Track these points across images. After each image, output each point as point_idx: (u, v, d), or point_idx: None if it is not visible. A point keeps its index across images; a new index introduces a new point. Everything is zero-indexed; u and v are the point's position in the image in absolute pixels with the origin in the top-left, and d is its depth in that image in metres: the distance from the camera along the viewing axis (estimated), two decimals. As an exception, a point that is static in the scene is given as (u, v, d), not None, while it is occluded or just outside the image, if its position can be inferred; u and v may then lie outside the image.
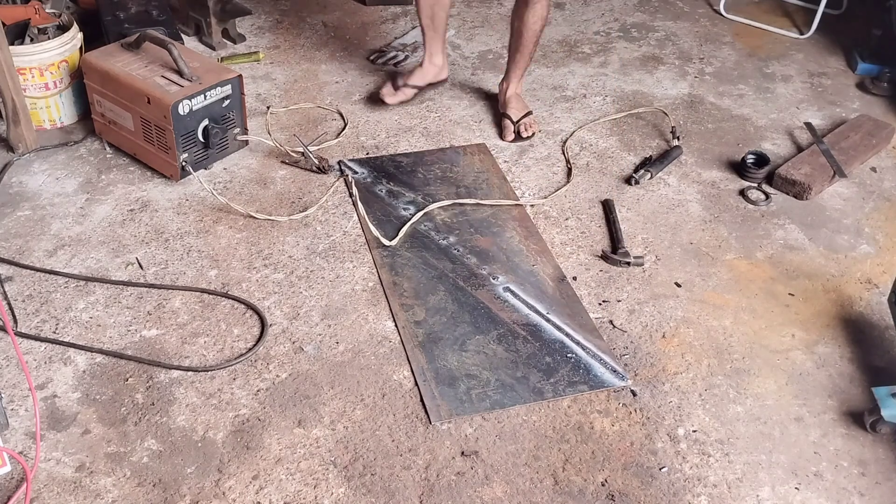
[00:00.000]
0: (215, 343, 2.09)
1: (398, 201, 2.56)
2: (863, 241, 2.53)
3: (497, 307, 2.22)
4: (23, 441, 1.83)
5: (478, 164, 2.75)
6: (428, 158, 2.77)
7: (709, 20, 3.77)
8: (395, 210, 2.53)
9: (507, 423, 1.92)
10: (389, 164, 2.73)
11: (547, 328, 2.16)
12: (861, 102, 3.21)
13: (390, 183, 2.64)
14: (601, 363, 2.07)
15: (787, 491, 1.82)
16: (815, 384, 2.07)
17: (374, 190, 2.61)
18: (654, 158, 2.77)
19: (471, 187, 2.65)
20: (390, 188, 2.61)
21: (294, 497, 1.76)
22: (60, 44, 2.73)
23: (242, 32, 3.41)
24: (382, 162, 2.74)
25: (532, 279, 2.31)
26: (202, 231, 2.43)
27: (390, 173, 2.68)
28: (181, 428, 1.88)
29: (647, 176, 2.69)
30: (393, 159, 2.75)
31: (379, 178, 2.66)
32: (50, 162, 2.67)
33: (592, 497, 1.79)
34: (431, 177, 2.68)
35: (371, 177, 2.66)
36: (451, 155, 2.80)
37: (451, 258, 2.37)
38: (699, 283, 2.35)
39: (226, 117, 2.62)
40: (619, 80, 3.27)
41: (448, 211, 2.54)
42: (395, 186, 2.62)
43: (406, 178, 2.67)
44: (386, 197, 2.58)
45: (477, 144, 2.85)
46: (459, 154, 2.80)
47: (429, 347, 2.09)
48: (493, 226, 2.50)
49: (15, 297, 2.18)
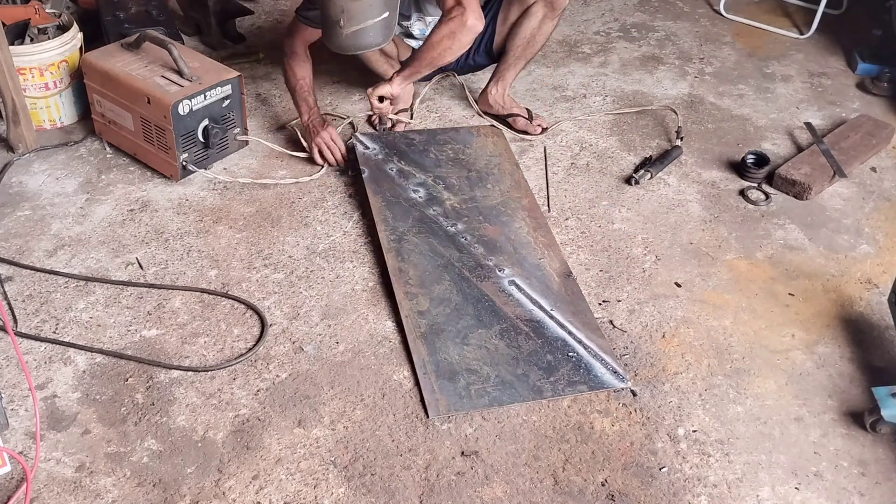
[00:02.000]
0: (215, 343, 2.09)
1: (408, 182, 2.55)
2: (863, 241, 2.53)
3: (501, 301, 2.21)
4: (23, 441, 1.83)
5: (491, 147, 2.74)
6: (441, 137, 2.76)
7: (709, 20, 3.77)
8: (405, 192, 2.51)
9: (507, 423, 1.92)
10: (402, 141, 2.72)
11: (550, 325, 2.16)
12: (861, 102, 3.21)
13: (401, 161, 2.62)
14: (602, 363, 2.06)
15: (787, 491, 1.82)
16: (815, 384, 2.07)
17: (384, 168, 2.59)
18: (655, 158, 2.77)
19: (482, 171, 2.63)
20: (401, 167, 2.60)
21: (294, 497, 1.76)
22: (60, 44, 2.74)
23: (242, 32, 3.41)
24: (395, 138, 2.74)
25: (538, 273, 2.30)
26: (202, 231, 2.43)
27: (402, 151, 2.67)
28: (181, 428, 1.88)
29: (647, 176, 2.69)
30: (406, 136, 2.75)
31: (390, 155, 2.65)
32: (50, 162, 2.67)
33: (592, 497, 1.79)
34: (443, 158, 2.66)
35: (382, 153, 2.65)
36: (464, 135, 2.78)
37: (459, 246, 2.35)
38: (699, 283, 2.35)
39: (226, 117, 2.62)
40: (619, 80, 3.27)
41: (458, 196, 2.52)
42: (405, 165, 2.61)
43: (418, 157, 2.66)
44: (396, 177, 2.56)
45: (491, 126, 2.83)
46: (473, 135, 2.78)
47: (431, 339, 2.09)
48: (502, 214, 2.48)
49: (15, 297, 2.18)
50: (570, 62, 3.38)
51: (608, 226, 2.53)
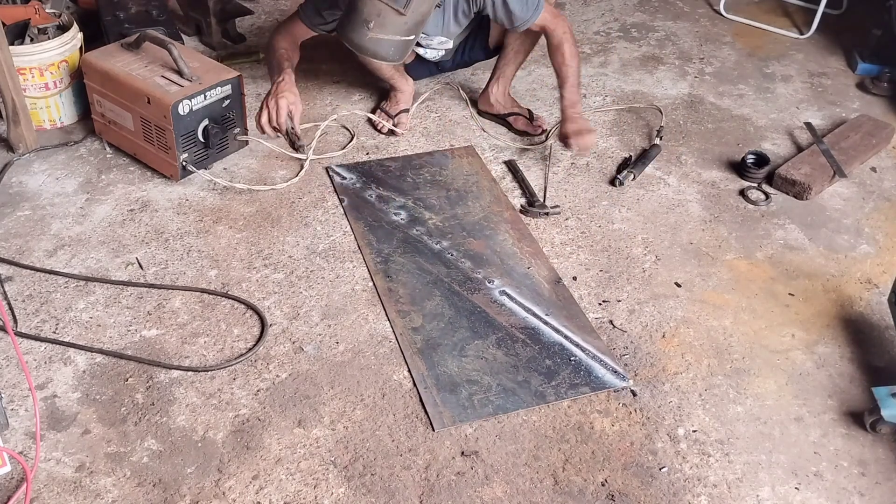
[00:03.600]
0: (215, 343, 2.09)
1: (388, 206, 2.55)
2: (863, 241, 2.53)
3: (494, 311, 2.21)
4: (23, 441, 1.83)
5: (466, 167, 2.75)
6: (416, 162, 2.76)
7: (709, 20, 3.77)
8: (386, 215, 2.52)
9: (507, 424, 1.92)
10: (378, 168, 2.71)
11: (545, 331, 2.16)
12: (861, 102, 3.21)
13: (380, 188, 2.62)
14: (601, 364, 2.07)
15: (787, 491, 1.82)
16: (815, 384, 2.07)
17: (363, 195, 2.59)
18: (635, 159, 2.77)
19: (461, 190, 2.64)
20: (380, 193, 2.60)
21: (294, 497, 1.76)
22: (60, 44, 2.73)
23: (242, 32, 3.41)
24: (370, 167, 2.72)
25: (528, 282, 2.31)
26: (202, 231, 2.43)
27: (379, 178, 2.67)
28: (181, 428, 1.88)
29: (631, 177, 2.68)
30: (381, 164, 2.74)
31: (368, 183, 2.64)
32: (50, 162, 2.67)
33: (592, 497, 1.79)
34: (421, 180, 2.67)
35: (360, 182, 2.65)
36: (439, 158, 2.79)
37: (446, 262, 2.36)
38: (699, 283, 2.35)
39: (226, 117, 2.62)
40: (619, 80, 3.27)
41: (440, 215, 2.53)
42: (384, 191, 2.61)
43: (395, 182, 2.66)
44: (376, 202, 2.56)
45: (465, 147, 2.84)
46: (448, 157, 2.79)
47: (428, 354, 2.09)
48: (485, 228, 2.49)
49: (15, 297, 2.18)
50: (570, 62, 3.38)
51: (608, 226, 2.54)
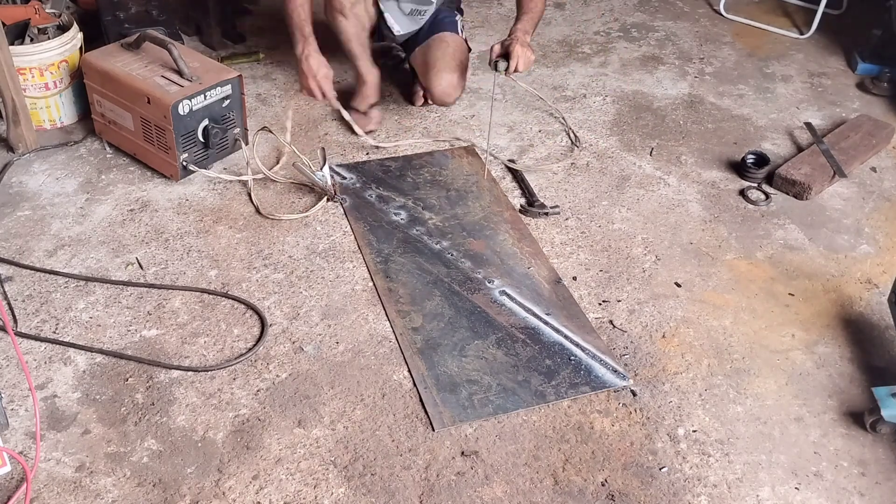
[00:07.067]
0: (215, 343, 2.09)
1: (388, 206, 2.55)
2: (863, 241, 2.53)
3: (494, 311, 2.21)
4: (23, 441, 1.83)
5: (466, 167, 2.75)
6: (416, 162, 2.76)
7: (709, 20, 3.77)
8: (387, 216, 2.52)
9: (507, 424, 1.92)
10: (378, 168, 2.72)
11: (545, 331, 2.16)
12: (861, 102, 3.21)
13: (380, 188, 2.62)
14: (601, 364, 2.07)
15: (787, 491, 1.82)
16: (815, 384, 2.07)
17: (363, 195, 2.59)
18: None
19: (461, 190, 2.64)
20: (380, 193, 2.60)
21: (294, 497, 1.76)
22: (60, 44, 2.74)
23: (242, 32, 3.41)
24: (370, 167, 2.72)
25: (528, 282, 2.31)
26: (202, 231, 2.43)
27: (379, 178, 2.67)
28: (181, 428, 1.88)
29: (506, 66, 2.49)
30: (381, 164, 2.74)
31: (368, 182, 2.65)
32: (50, 162, 2.67)
33: (592, 497, 1.79)
34: (421, 181, 2.67)
35: (360, 182, 2.65)
36: (439, 158, 2.79)
37: (446, 262, 2.36)
38: (699, 283, 2.35)
39: (226, 117, 2.62)
40: (619, 80, 3.27)
41: (440, 215, 2.53)
42: (384, 191, 2.61)
43: (395, 182, 2.66)
44: (376, 202, 2.56)
45: (465, 147, 2.85)
46: (448, 157, 2.79)
47: (428, 354, 2.08)
48: (485, 228, 2.49)
49: (15, 297, 2.18)
50: (571, 62, 3.39)
51: (608, 226, 2.54)
